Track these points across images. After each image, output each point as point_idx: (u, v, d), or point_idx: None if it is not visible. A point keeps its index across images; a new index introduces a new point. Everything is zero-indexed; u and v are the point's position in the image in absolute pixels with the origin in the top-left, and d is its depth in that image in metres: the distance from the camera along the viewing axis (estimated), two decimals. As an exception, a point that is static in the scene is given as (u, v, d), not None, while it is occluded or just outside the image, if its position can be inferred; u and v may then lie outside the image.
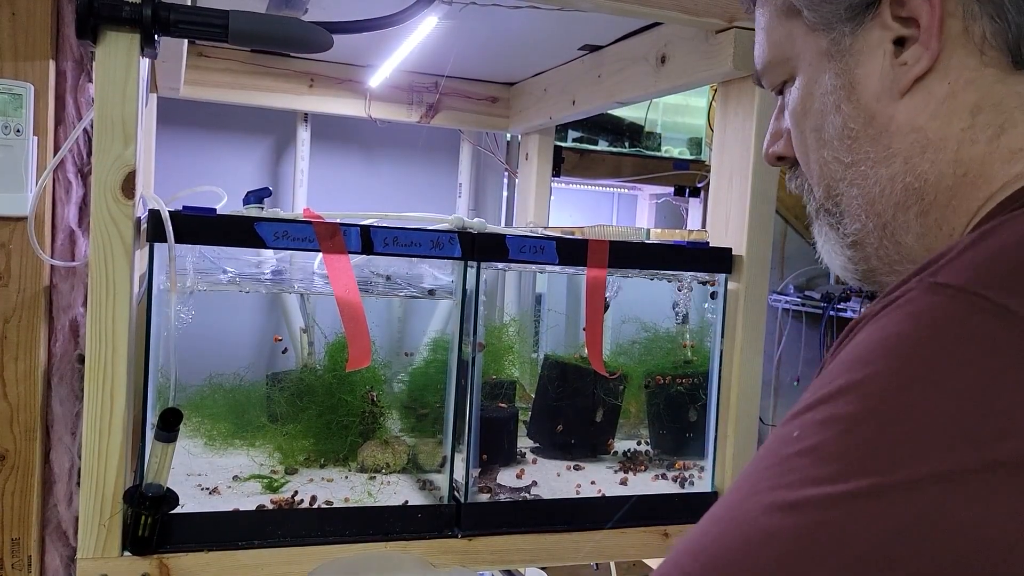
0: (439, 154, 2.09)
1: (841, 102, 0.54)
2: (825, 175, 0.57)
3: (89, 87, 0.96)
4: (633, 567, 2.20)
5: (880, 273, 0.57)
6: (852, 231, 0.56)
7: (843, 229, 0.56)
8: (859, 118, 0.54)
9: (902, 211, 0.53)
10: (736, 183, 1.07)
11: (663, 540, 1.03)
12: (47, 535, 0.97)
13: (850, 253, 0.57)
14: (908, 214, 0.53)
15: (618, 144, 2.46)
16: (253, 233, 0.86)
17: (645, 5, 0.96)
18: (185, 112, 1.86)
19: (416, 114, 1.70)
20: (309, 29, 0.85)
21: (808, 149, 0.58)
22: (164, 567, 0.84)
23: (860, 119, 0.54)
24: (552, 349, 1.21)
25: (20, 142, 0.91)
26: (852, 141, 0.54)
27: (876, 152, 0.53)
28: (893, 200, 0.53)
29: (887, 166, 0.53)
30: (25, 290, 0.93)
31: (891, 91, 0.52)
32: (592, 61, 1.38)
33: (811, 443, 0.38)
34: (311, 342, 1.37)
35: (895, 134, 0.52)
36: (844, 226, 0.56)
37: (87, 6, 0.74)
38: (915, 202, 0.52)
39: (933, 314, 0.40)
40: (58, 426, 0.96)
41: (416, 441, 1.07)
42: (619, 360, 1.18)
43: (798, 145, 0.59)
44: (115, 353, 0.80)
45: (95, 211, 0.78)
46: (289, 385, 1.07)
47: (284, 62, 1.58)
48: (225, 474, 1.00)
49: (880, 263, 0.56)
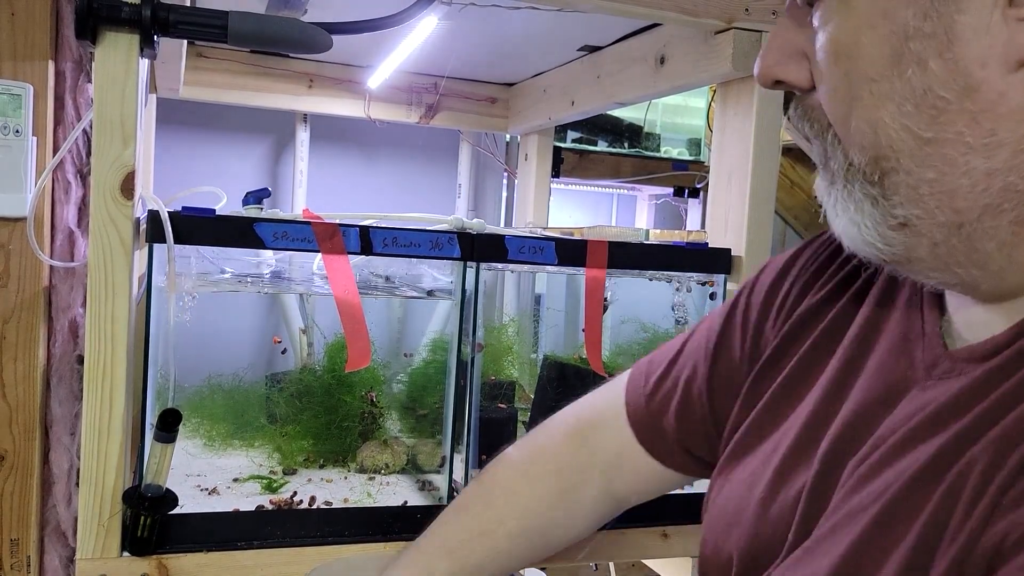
0: (438, 155, 2.09)
1: (929, 56, 0.41)
2: (879, 143, 0.44)
3: (88, 87, 0.96)
4: (632, 567, 2.19)
5: (924, 266, 0.46)
6: (906, 215, 0.44)
7: (890, 208, 0.45)
8: (954, 85, 0.41)
9: (992, 215, 0.42)
10: (735, 184, 1.07)
11: (662, 540, 1.03)
12: (46, 536, 0.97)
13: (891, 235, 0.45)
14: (1000, 219, 0.42)
15: (617, 145, 2.46)
16: (252, 234, 0.86)
17: (644, 6, 0.97)
18: (184, 112, 1.86)
19: (415, 115, 1.70)
20: (308, 30, 0.85)
21: (854, 101, 0.44)
22: (163, 568, 0.83)
23: (955, 87, 0.41)
24: (551, 349, 1.21)
25: (19, 143, 0.90)
26: (939, 113, 0.41)
27: (974, 136, 0.41)
28: (985, 200, 0.42)
29: (987, 157, 0.41)
30: (24, 291, 0.93)
31: (1003, 58, 0.39)
32: (591, 62, 1.38)
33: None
34: (310, 343, 1.37)
35: (1004, 117, 0.40)
36: (893, 206, 0.44)
37: (86, 6, 0.74)
38: (1013, 207, 0.41)
39: None
40: (57, 427, 0.96)
41: (415, 442, 1.07)
42: (618, 360, 1.18)
43: (833, 91, 0.46)
44: (114, 354, 0.79)
45: (94, 211, 0.78)
46: (288, 386, 1.07)
47: (283, 63, 1.58)
48: (224, 475, 1.00)
49: (932, 259, 0.45)
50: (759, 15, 1.01)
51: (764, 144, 1.03)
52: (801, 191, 2.92)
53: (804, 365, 0.60)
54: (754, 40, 1.01)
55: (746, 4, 1.00)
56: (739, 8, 1.00)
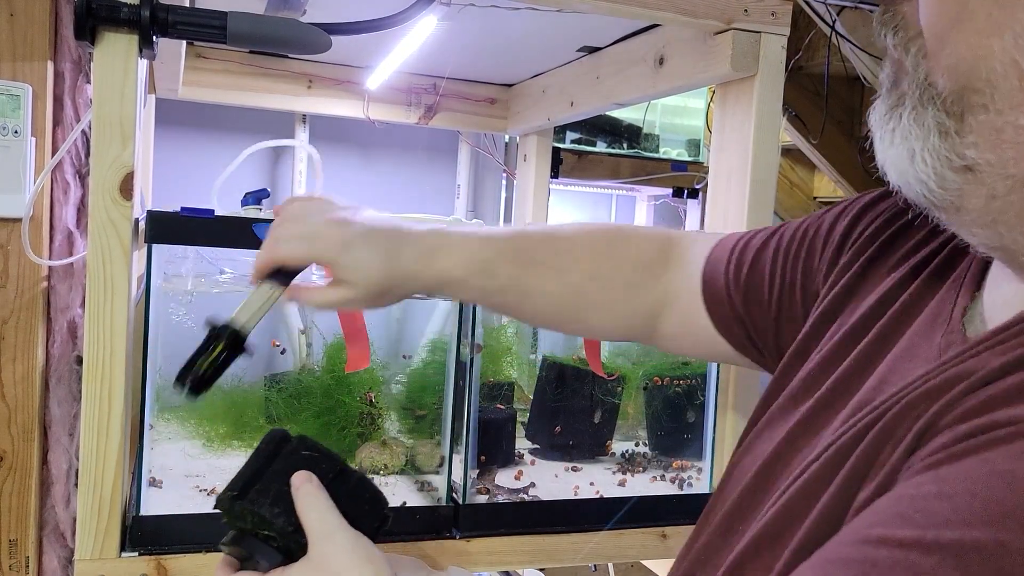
0: (437, 155, 2.09)
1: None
2: (977, 73, 0.39)
3: (87, 88, 0.96)
4: (631, 568, 2.19)
5: (970, 220, 0.43)
6: (975, 158, 0.41)
7: (961, 147, 0.41)
8: None
9: None
10: (734, 185, 1.07)
11: (661, 541, 1.03)
12: (45, 536, 0.96)
13: (950, 177, 0.42)
14: None
15: (616, 145, 2.46)
16: (251, 234, 0.86)
17: (643, 7, 0.97)
18: (183, 113, 1.86)
19: (415, 115, 1.70)
20: (307, 30, 0.85)
21: (963, 19, 0.40)
22: (162, 568, 0.83)
23: None
24: (550, 350, 1.21)
25: (18, 143, 0.90)
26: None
27: None
28: None
29: None
30: (23, 291, 0.93)
31: None
32: (591, 62, 1.38)
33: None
34: (309, 343, 1.37)
35: None
36: (966, 145, 0.41)
37: (85, 7, 0.74)
38: None
39: None
40: (56, 427, 0.96)
41: (414, 442, 1.07)
42: (617, 361, 1.18)
43: (935, 3, 0.41)
44: (113, 354, 0.79)
45: (93, 212, 0.78)
46: (287, 386, 1.07)
47: (282, 63, 1.58)
48: (224, 475, 0.99)
49: (983, 212, 0.42)
50: (758, 16, 1.01)
51: (763, 145, 1.03)
52: (801, 192, 2.92)
53: (847, 338, 0.57)
54: (753, 41, 1.01)
55: (745, 5, 1.00)
56: (738, 9, 1.00)
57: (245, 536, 0.68)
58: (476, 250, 0.74)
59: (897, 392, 0.46)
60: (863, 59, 1.94)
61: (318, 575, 0.63)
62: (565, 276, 0.76)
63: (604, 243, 0.79)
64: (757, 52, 1.01)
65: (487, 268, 0.74)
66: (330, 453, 0.70)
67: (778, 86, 1.03)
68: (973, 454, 0.34)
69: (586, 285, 0.77)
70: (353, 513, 0.67)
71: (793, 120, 2.30)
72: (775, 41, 1.02)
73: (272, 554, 0.66)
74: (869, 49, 1.90)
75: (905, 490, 0.36)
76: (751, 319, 0.72)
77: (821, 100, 2.24)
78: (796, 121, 2.31)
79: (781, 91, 1.03)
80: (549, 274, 0.76)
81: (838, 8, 1.76)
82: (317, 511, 0.65)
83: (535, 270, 0.76)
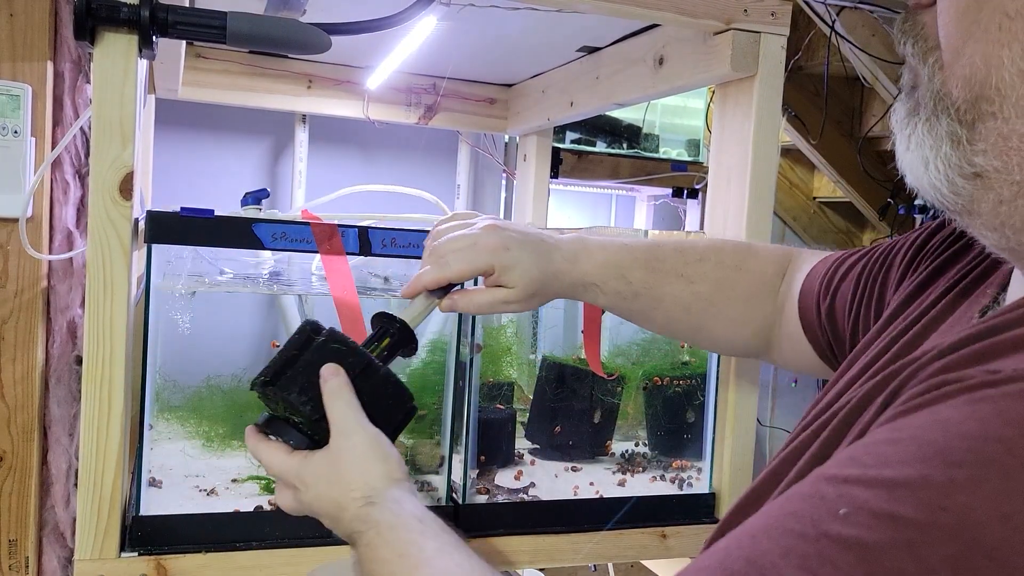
0: (437, 155, 2.09)
1: None
2: (988, 82, 0.41)
3: (87, 88, 0.96)
4: (631, 568, 2.19)
5: (981, 223, 0.45)
6: (984, 165, 0.43)
7: (971, 154, 0.43)
8: None
9: None
10: (734, 185, 1.07)
11: (661, 541, 1.03)
12: (44, 536, 0.96)
13: (960, 183, 0.44)
14: None
15: (616, 145, 2.46)
16: (251, 234, 0.86)
17: (643, 6, 0.97)
18: (183, 113, 1.86)
19: (414, 115, 1.70)
20: (307, 30, 0.85)
21: (977, 31, 0.41)
22: (162, 568, 0.83)
23: None
24: (550, 350, 1.21)
25: (18, 143, 0.90)
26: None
27: None
28: None
29: None
30: (23, 291, 0.93)
31: None
32: (590, 63, 1.38)
33: (860, 536, 0.33)
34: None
35: None
36: (975, 153, 0.43)
37: (85, 7, 0.74)
38: None
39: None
40: (56, 427, 0.96)
41: (414, 442, 1.07)
42: (617, 361, 1.18)
43: (958, 12, 0.43)
44: (113, 354, 0.79)
45: (93, 212, 0.78)
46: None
47: (282, 63, 1.58)
48: (223, 475, 1.00)
49: (992, 216, 0.44)
50: (758, 16, 1.01)
51: (763, 145, 1.03)
52: (800, 192, 2.92)
53: (889, 342, 0.59)
54: (753, 41, 1.01)
55: (745, 5, 1.00)
56: (738, 9, 1.00)
57: (276, 419, 0.72)
58: (613, 256, 0.80)
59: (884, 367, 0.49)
60: (863, 59, 1.94)
61: (332, 468, 0.67)
62: (695, 286, 0.82)
63: (733, 257, 0.84)
64: (757, 52, 1.01)
65: (623, 274, 0.80)
66: (357, 348, 0.72)
67: (778, 86, 1.03)
68: (925, 407, 0.37)
69: (714, 296, 0.82)
70: (377, 407, 0.70)
71: (793, 120, 2.30)
72: (775, 41, 1.02)
73: (299, 438, 0.70)
74: (868, 49, 1.90)
75: (864, 439, 0.40)
76: (832, 327, 0.75)
77: (821, 100, 2.24)
78: (796, 121, 2.31)
79: (781, 91, 1.03)
80: (680, 283, 0.82)
81: (838, 8, 1.76)
82: (341, 406, 0.68)
83: (667, 278, 0.81)
